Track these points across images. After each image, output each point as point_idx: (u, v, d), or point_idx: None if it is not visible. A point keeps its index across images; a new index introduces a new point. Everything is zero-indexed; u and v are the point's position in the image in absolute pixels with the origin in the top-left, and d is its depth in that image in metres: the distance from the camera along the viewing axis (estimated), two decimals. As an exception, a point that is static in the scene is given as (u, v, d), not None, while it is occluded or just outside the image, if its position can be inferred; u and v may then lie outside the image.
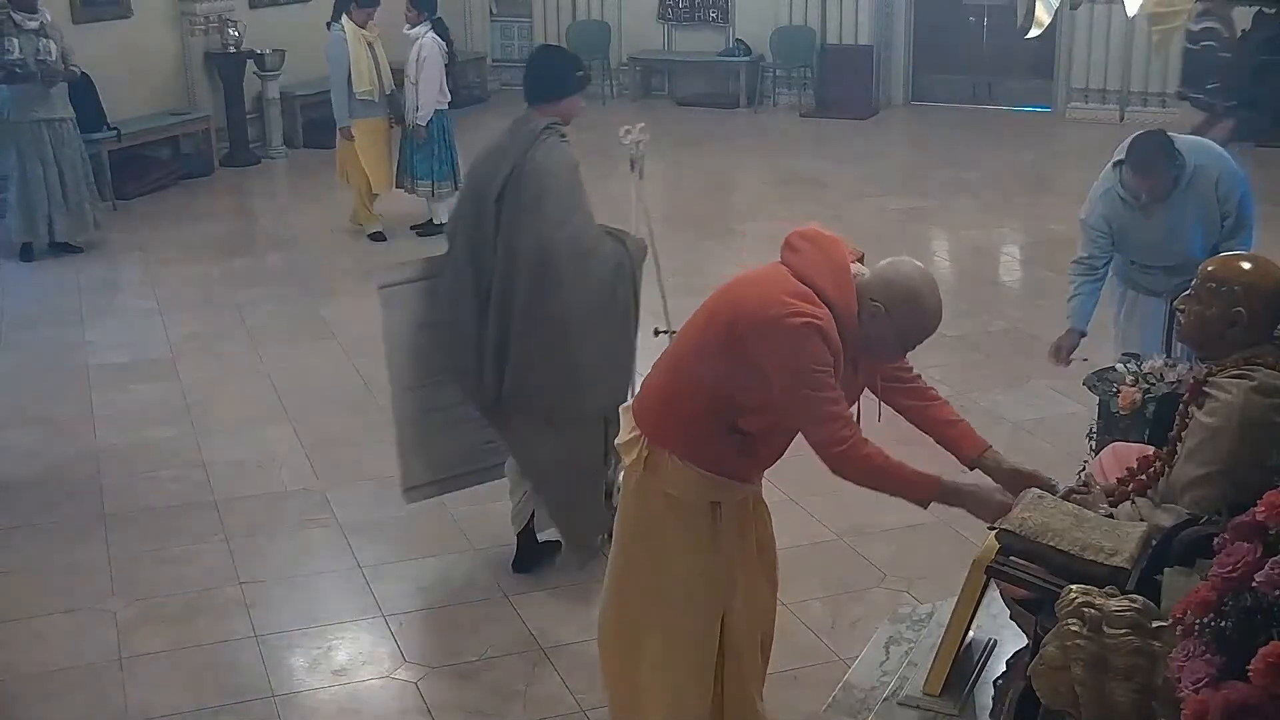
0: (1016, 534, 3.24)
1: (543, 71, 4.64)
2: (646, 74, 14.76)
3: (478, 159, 4.57)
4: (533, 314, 4.37)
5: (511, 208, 4.37)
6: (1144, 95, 12.52)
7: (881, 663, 4.01)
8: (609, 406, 4.02)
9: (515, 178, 4.37)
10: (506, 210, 4.37)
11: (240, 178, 11.29)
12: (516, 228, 4.36)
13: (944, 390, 6.18)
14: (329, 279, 8.32)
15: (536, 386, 4.42)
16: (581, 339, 4.41)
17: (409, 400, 4.67)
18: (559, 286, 4.36)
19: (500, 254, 4.39)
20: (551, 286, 4.36)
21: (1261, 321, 3.28)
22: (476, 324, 4.43)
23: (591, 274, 4.46)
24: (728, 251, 8.86)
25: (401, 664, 4.17)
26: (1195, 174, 4.82)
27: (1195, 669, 2.35)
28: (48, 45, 8.51)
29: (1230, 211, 4.84)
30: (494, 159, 4.46)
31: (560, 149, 4.49)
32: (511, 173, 4.37)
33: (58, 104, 8.76)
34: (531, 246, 4.35)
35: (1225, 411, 3.22)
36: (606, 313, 4.52)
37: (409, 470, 4.74)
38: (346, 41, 8.69)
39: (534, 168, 4.38)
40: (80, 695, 4.05)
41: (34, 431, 6.02)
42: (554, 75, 4.60)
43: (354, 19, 8.73)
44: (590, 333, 4.44)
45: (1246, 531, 2.50)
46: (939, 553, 4.68)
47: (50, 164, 8.72)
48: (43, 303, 7.95)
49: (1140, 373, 4.77)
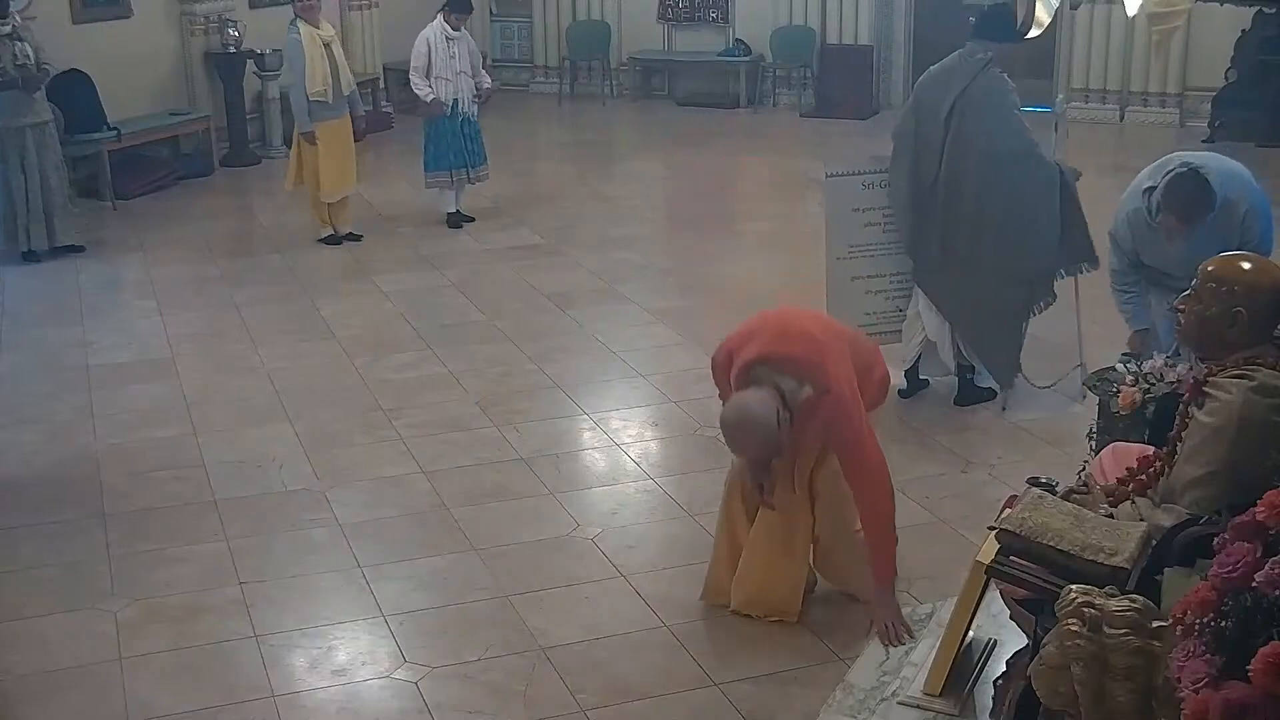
0: (1016, 534, 3.24)
1: (995, 16, 5.67)
2: (646, 74, 14.76)
3: (923, 83, 5.91)
4: (987, 198, 5.63)
5: (959, 121, 5.62)
6: (1144, 95, 12.51)
7: (881, 663, 4.01)
8: (1037, 272, 5.74)
9: (964, 96, 5.63)
10: (955, 123, 5.63)
11: (240, 178, 11.29)
12: (964, 135, 5.62)
13: (944, 390, 6.27)
14: (329, 279, 8.32)
15: (987, 250, 5.67)
16: (1029, 217, 5.64)
17: (839, 268, 6.12)
18: (1006, 179, 5.60)
19: (947, 155, 5.66)
20: (1000, 179, 5.60)
21: (1261, 321, 3.28)
22: (914, 208, 5.80)
23: (1033, 168, 5.64)
24: (728, 251, 8.87)
25: (401, 664, 4.17)
26: (1223, 207, 4.84)
27: (1195, 669, 2.36)
28: (23, 48, 8.38)
29: (1250, 241, 4.84)
30: (941, 82, 5.75)
31: (999, 76, 5.67)
32: (963, 93, 5.63)
33: (39, 108, 8.65)
34: (982, 148, 5.60)
35: (1225, 411, 3.22)
36: (1045, 201, 5.65)
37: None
38: (301, 43, 8.60)
39: (981, 89, 5.63)
40: (80, 695, 4.04)
41: (34, 431, 6.02)
42: (1001, 21, 5.52)
43: (305, 19, 8.63)
44: (1033, 213, 5.64)
45: (1246, 531, 2.50)
46: (939, 553, 4.68)
47: (34, 169, 8.60)
48: (43, 303, 7.95)
49: (1140, 373, 4.78)
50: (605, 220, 9.70)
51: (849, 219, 6.06)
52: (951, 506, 5.08)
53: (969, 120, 5.63)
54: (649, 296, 7.74)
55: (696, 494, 5.23)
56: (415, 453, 5.66)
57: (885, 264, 6.13)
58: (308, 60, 8.59)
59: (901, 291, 6.15)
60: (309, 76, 8.61)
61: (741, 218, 10.02)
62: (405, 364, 6.74)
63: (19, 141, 8.56)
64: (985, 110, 5.63)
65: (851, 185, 6.05)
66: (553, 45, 14.92)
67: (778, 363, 4.00)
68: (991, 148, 5.61)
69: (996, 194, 5.64)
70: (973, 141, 5.63)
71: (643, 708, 3.93)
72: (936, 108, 5.72)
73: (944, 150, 5.68)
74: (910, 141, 5.84)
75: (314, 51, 8.62)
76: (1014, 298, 5.83)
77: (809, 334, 4.12)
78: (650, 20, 14.49)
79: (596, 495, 5.33)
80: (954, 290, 5.83)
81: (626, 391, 6.39)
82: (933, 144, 5.72)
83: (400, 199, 9.81)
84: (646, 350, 6.89)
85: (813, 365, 4.01)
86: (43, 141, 8.69)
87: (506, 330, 7.21)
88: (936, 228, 5.77)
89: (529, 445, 5.72)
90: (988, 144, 5.62)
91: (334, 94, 8.78)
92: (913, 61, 13.78)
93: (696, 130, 12.81)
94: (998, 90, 5.66)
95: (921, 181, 5.78)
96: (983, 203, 5.65)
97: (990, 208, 5.65)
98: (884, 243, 6.09)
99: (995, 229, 5.67)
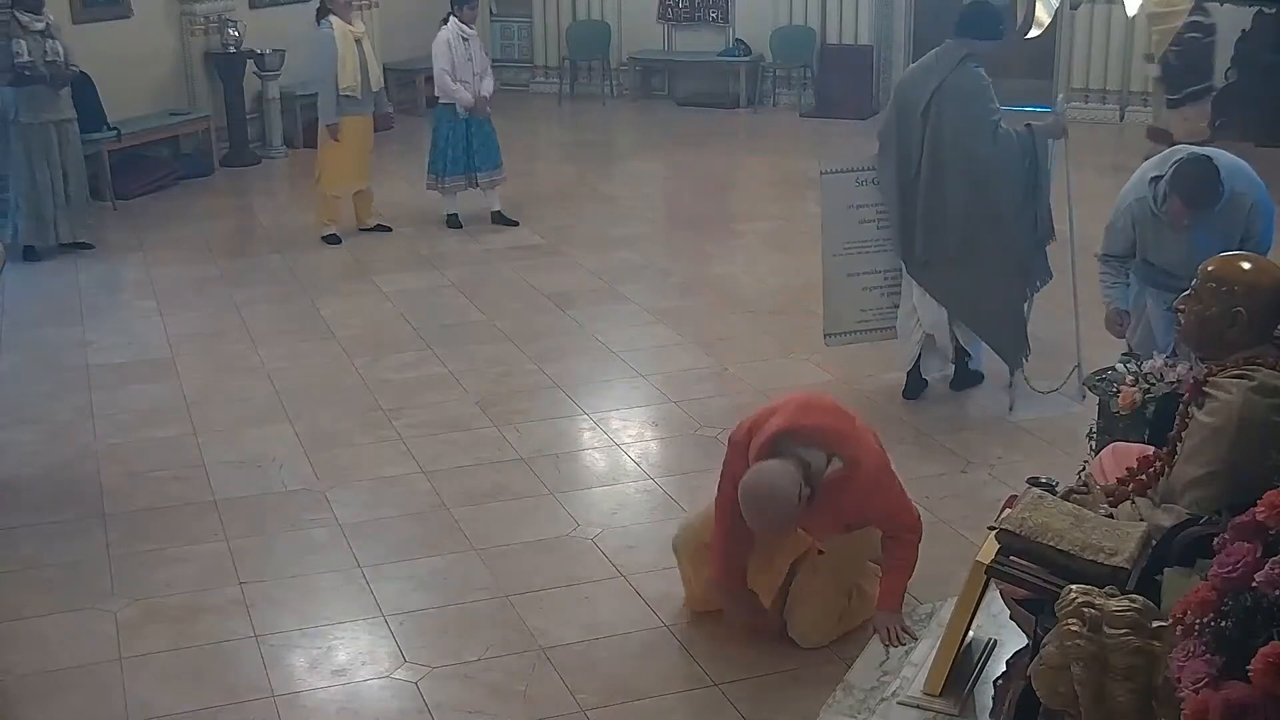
0: (1016, 534, 3.24)
1: (975, 14, 5.76)
2: (646, 74, 14.75)
3: (904, 81, 6.04)
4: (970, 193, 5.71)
5: (935, 117, 5.70)
6: (1144, 95, 12.48)
7: (881, 663, 4.01)
8: (1029, 254, 5.83)
9: (940, 92, 5.70)
10: (932, 118, 5.70)
11: (240, 178, 11.29)
12: (942, 130, 5.69)
13: (944, 390, 6.27)
14: (328, 279, 8.32)
15: (977, 243, 5.74)
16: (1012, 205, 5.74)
17: (834, 264, 6.13)
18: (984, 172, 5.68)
19: (927, 151, 5.73)
20: (978, 173, 5.68)
21: (1261, 321, 3.28)
22: (901, 205, 5.84)
23: (1008, 155, 5.70)
24: (728, 251, 8.87)
25: (401, 664, 4.17)
26: (1230, 199, 4.84)
27: (1195, 669, 2.36)
28: (55, 46, 8.50)
29: (1251, 237, 4.84)
30: (919, 80, 5.83)
31: (974, 72, 5.73)
32: (938, 88, 5.70)
33: (64, 105, 8.76)
34: (958, 144, 5.67)
35: (1225, 411, 3.22)
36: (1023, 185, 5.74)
37: (832, 319, 6.21)
38: (335, 39, 8.68)
39: (954, 85, 5.69)
40: (80, 695, 4.04)
41: (34, 431, 6.02)
42: (981, 19, 5.74)
43: (339, 15, 8.72)
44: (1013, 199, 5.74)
45: (1246, 531, 2.50)
46: (939, 553, 4.68)
47: (56, 165, 8.72)
48: (43, 302, 7.94)
49: (1140, 373, 4.77)
50: (605, 220, 9.70)
51: (844, 215, 6.09)
52: (951, 506, 5.08)
53: (945, 116, 5.70)
54: (649, 296, 7.74)
55: (696, 494, 5.23)
56: (415, 453, 5.66)
57: (879, 260, 6.14)
58: (340, 56, 8.67)
59: (896, 288, 6.16)
60: (341, 72, 8.69)
61: (741, 218, 10.02)
62: (405, 364, 6.75)
63: (44, 137, 8.64)
64: (959, 106, 5.70)
65: (846, 182, 6.07)
66: (553, 45, 14.92)
67: (804, 435, 3.88)
68: (966, 144, 5.69)
69: (978, 188, 5.71)
70: (948, 137, 5.71)
71: (643, 708, 3.93)
72: (915, 105, 5.79)
73: (923, 146, 5.76)
74: (894, 139, 5.89)
75: (346, 47, 8.71)
76: (1010, 282, 5.91)
77: (833, 407, 4.06)
78: (650, 20, 14.49)
79: (596, 495, 5.33)
80: (949, 282, 5.89)
81: (626, 391, 6.39)
82: (913, 141, 5.80)
83: (400, 199, 9.80)
84: (646, 350, 6.89)
85: (841, 435, 3.93)
86: (66, 138, 8.79)
87: (506, 330, 7.21)
88: (922, 223, 5.82)
89: (529, 445, 5.72)
90: (962, 140, 5.70)
91: (363, 90, 8.88)
92: (912, 61, 13.77)
93: (696, 130, 12.81)
94: (972, 86, 5.71)
95: (905, 178, 5.85)
96: (965, 197, 5.72)
97: (974, 202, 5.72)
98: (878, 239, 6.09)
99: (981, 222, 5.74)
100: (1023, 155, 5.73)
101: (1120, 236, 5.18)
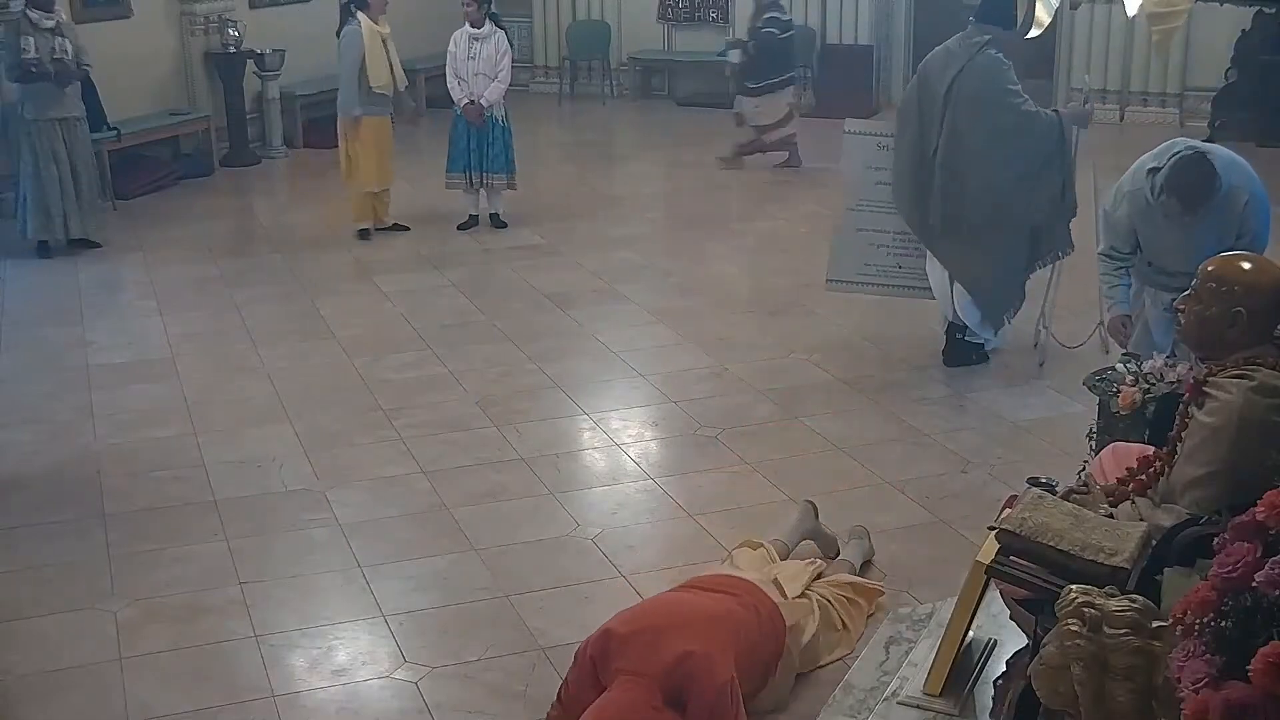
0: (1016, 534, 3.24)
1: (995, 1, 5.99)
2: (646, 74, 14.75)
3: (927, 63, 6.23)
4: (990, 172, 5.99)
5: (956, 99, 5.99)
6: (1144, 95, 12.51)
7: (881, 663, 4.01)
8: (1045, 221, 6.12)
9: (961, 76, 5.98)
10: (953, 101, 5.99)
11: (240, 178, 11.29)
12: (960, 113, 5.97)
13: (944, 390, 6.28)
14: (329, 279, 8.31)
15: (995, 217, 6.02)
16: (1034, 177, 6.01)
17: (848, 217, 6.59)
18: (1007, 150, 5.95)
19: (946, 132, 6.00)
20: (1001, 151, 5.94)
21: (1261, 321, 3.28)
22: (915, 177, 6.15)
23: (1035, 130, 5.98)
24: (728, 251, 8.87)
25: (401, 664, 4.17)
26: (1227, 193, 4.83)
27: (1195, 669, 2.36)
28: (63, 44, 8.51)
29: (1247, 233, 4.84)
30: (941, 62, 6.10)
31: (994, 57, 5.98)
32: (960, 72, 5.98)
33: (71, 102, 8.78)
34: (979, 126, 5.94)
35: (1225, 411, 3.21)
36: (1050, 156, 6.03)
37: (836, 267, 6.68)
38: (362, 36, 8.73)
39: (976, 67, 5.97)
40: (80, 695, 4.04)
41: (34, 431, 6.02)
42: (1000, 6, 5.94)
43: (368, 14, 8.78)
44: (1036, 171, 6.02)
45: (1246, 531, 2.50)
46: (939, 553, 4.68)
47: (64, 162, 8.73)
48: (43, 302, 7.95)
49: (1140, 373, 4.77)
50: (605, 220, 9.70)
51: (863, 175, 6.51)
52: (951, 506, 5.08)
53: (965, 99, 5.99)
54: (649, 296, 7.74)
55: (696, 494, 5.23)
56: (415, 453, 5.66)
57: (889, 222, 6.51)
58: (369, 53, 8.71)
59: (904, 249, 6.52)
60: (372, 70, 8.74)
61: (741, 218, 10.02)
62: (405, 364, 6.74)
63: (50, 134, 8.67)
64: (980, 89, 5.97)
65: (868, 144, 6.49)
66: (553, 45, 14.92)
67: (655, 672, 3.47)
68: (989, 115, 5.96)
69: (999, 166, 5.99)
70: (969, 119, 5.98)
71: (643, 708, 3.92)
72: (937, 86, 6.08)
73: (942, 126, 6.04)
74: (914, 116, 6.18)
75: (374, 45, 8.77)
76: (1018, 246, 6.19)
77: (704, 616, 3.66)
78: (650, 20, 14.49)
79: (596, 495, 5.32)
80: (960, 250, 6.19)
81: (626, 391, 6.39)
82: (933, 120, 6.09)
83: (400, 199, 9.79)
84: (646, 350, 6.89)
85: (690, 669, 3.47)
86: (73, 136, 8.80)
87: (506, 330, 7.21)
88: (936, 198, 6.11)
89: (529, 445, 5.72)
90: (986, 112, 5.97)
91: (391, 88, 8.95)
92: (913, 61, 13.76)
93: (696, 130, 12.79)
94: (993, 69, 5.98)
95: (923, 154, 6.13)
96: (985, 176, 5.99)
97: (995, 179, 6.00)
98: (892, 202, 6.45)
99: (1000, 197, 6.03)
100: (1049, 129, 6.00)
101: (1119, 228, 5.14)
